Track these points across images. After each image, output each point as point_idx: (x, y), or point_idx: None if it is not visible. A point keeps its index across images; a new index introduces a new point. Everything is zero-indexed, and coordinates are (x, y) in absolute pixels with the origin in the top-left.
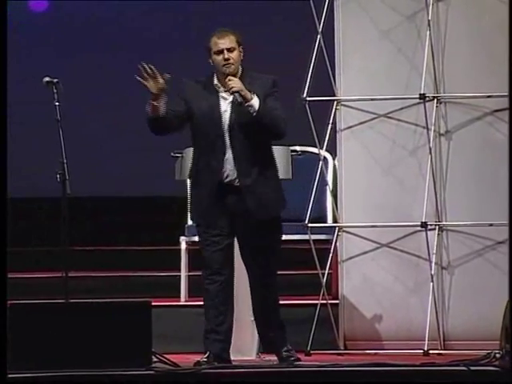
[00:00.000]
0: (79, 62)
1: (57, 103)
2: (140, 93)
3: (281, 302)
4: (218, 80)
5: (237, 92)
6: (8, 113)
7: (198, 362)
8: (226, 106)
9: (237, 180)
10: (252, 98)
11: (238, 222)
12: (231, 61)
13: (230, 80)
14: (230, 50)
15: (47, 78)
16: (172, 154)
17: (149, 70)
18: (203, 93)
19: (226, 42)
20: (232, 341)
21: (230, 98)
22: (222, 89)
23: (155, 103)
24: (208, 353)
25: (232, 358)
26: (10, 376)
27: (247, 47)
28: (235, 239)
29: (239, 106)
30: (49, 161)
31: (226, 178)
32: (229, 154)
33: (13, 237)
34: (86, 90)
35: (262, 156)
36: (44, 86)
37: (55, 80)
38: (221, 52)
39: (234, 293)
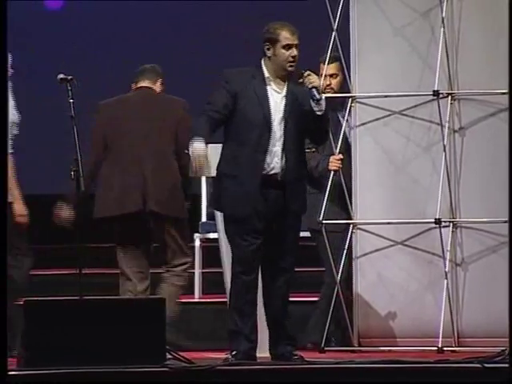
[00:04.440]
0: (93, 60)
1: (71, 100)
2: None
3: (294, 299)
4: (271, 73)
5: (315, 88)
6: (23, 109)
7: (226, 358)
8: (277, 100)
9: (280, 174)
10: (322, 98)
11: (275, 215)
12: (296, 59)
13: (309, 75)
14: (297, 48)
15: (61, 75)
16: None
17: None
18: (252, 84)
19: (295, 39)
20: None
21: (283, 92)
22: (273, 82)
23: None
24: (235, 352)
25: None
26: (10, 374)
27: (261, 45)
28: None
29: (315, 101)
30: (63, 158)
31: (270, 171)
32: (277, 148)
33: (27, 234)
34: (100, 88)
35: (302, 155)
36: (58, 83)
37: (69, 77)
38: (290, 47)
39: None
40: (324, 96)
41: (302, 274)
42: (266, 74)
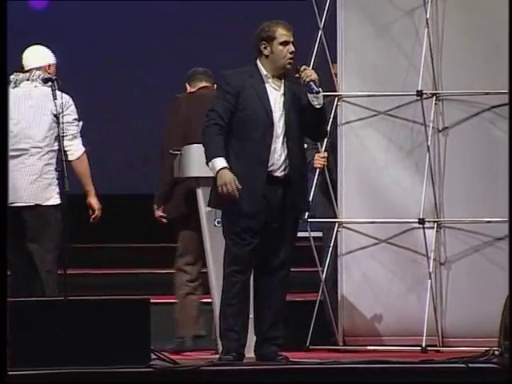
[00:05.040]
0: (78, 60)
1: (55, 100)
2: (138, 92)
3: (292, 299)
4: (268, 71)
5: (313, 81)
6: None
7: (220, 358)
8: (276, 97)
9: (280, 171)
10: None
11: (275, 213)
12: (294, 55)
13: (305, 69)
14: (293, 45)
15: (46, 75)
16: (171, 151)
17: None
18: (251, 83)
19: (291, 35)
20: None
21: (281, 90)
22: (271, 80)
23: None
24: (227, 350)
25: None
26: (10, 373)
27: (249, 43)
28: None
29: (313, 95)
30: None
31: (270, 167)
32: (277, 145)
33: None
34: (85, 88)
35: (303, 152)
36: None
37: (54, 77)
38: (287, 43)
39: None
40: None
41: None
42: (264, 72)
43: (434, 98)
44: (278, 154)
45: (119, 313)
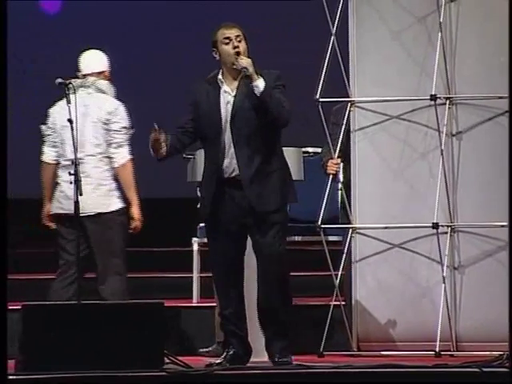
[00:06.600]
0: None
1: (69, 104)
2: (152, 94)
3: (294, 304)
4: (223, 74)
5: (245, 68)
6: (21, 113)
7: (210, 364)
8: (228, 101)
9: (238, 174)
10: (258, 79)
11: (243, 216)
12: (240, 49)
13: (242, 59)
14: (237, 39)
15: (60, 80)
16: (184, 155)
17: (157, 135)
18: (208, 90)
19: (233, 31)
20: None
21: (234, 92)
22: (224, 83)
23: (157, 154)
24: (221, 359)
25: None
26: (10, 378)
27: (261, 48)
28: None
29: (254, 84)
30: None
31: (231, 172)
32: (231, 149)
33: (25, 238)
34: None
35: (266, 149)
36: (57, 88)
37: (67, 81)
38: (230, 40)
39: (243, 293)
40: (262, 79)
41: (303, 279)
42: (219, 77)
43: (448, 102)
44: (234, 157)
45: (133, 316)
